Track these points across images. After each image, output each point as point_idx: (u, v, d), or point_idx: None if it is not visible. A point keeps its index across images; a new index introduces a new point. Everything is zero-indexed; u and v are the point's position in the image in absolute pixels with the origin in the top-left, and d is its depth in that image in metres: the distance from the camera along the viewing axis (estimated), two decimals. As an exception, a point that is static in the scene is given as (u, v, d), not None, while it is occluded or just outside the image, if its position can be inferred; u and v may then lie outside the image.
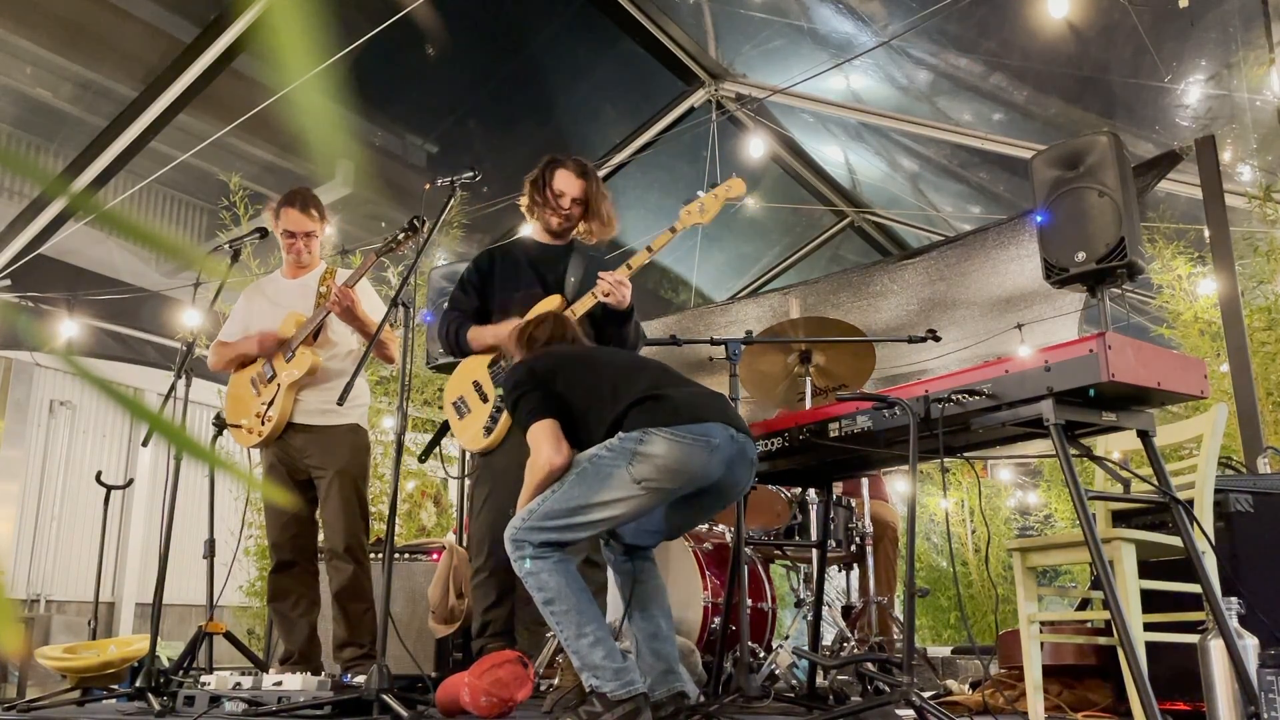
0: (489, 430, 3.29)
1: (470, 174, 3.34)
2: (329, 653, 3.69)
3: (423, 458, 2.91)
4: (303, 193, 3.77)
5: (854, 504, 4.38)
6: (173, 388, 3.60)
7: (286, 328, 3.68)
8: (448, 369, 4.01)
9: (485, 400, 3.32)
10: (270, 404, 3.60)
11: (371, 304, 3.71)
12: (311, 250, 3.79)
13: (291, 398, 3.61)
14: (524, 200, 3.47)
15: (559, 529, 2.43)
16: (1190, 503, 2.64)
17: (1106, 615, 2.49)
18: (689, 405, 2.46)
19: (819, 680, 3.40)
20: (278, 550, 3.67)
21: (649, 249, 3.24)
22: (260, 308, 3.82)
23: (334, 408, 3.41)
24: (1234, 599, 2.32)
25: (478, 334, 3.34)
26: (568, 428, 2.53)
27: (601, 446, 2.46)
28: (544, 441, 2.48)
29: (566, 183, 3.38)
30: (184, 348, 3.75)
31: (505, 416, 3.27)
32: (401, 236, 3.39)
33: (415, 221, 3.33)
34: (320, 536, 3.76)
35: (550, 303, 3.25)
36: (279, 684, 2.95)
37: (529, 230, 3.49)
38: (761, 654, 3.84)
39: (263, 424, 3.62)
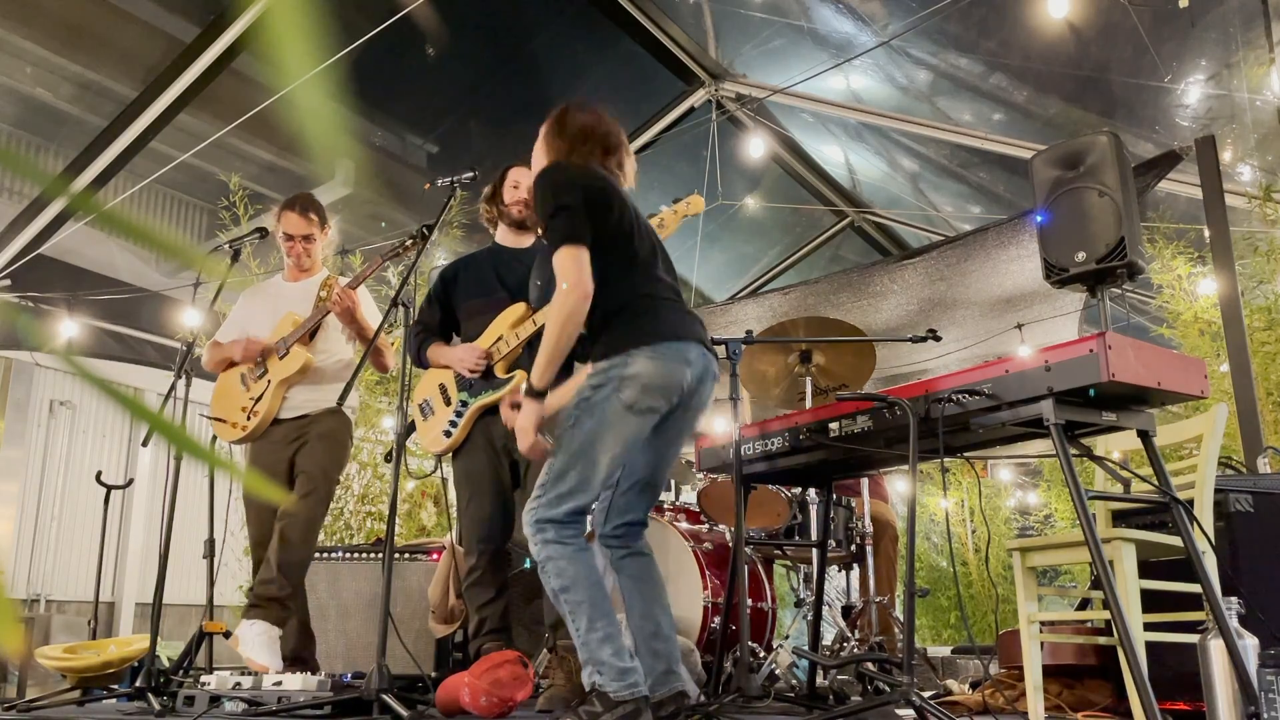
0: (448, 433, 3.33)
1: (470, 174, 3.35)
2: (327, 653, 3.69)
3: (388, 457, 2.93)
4: (303, 197, 3.80)
5: (854, 504, 4.38)
6: (173, 388, 3.60)
7: (283, 328, 3.68)
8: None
9: (449, 404, 3.36)
10: (258, 399, 3.61)
11: (369, 310, 3.71)
12: (311, 254, 3.81)
13: (280, 395, 3.62)
14: (484, 212, 3.56)
15: (573, 487, 2.42)
16: (1190, 503, 2.64)
17: (1106, 615, 2.49)
18: (670, 323, 2.52)
19: (819, 680, 3.40)
20: (261, 548, 3.66)
21: None
22: (259, 310, 3.82)
23: (317, 399, 3.43)
24: (1234, 599, 2.32)
25: (435, 353, 3.40)
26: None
27: (585, 386, 2.48)
28: (574, 266, 2.43)
29: (520, 174, 3.47)
30: (184, 348, 3.75)
31: (465, 420, 3.29)
32: (409, 243, 3.38)
33: (425, 230, 3.31)
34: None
35: (514, 312, 3.26)
36: (279, 684, 2.96)
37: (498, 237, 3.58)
38: (761, 654, 3.84)
39: (248, 419, 3.61)
